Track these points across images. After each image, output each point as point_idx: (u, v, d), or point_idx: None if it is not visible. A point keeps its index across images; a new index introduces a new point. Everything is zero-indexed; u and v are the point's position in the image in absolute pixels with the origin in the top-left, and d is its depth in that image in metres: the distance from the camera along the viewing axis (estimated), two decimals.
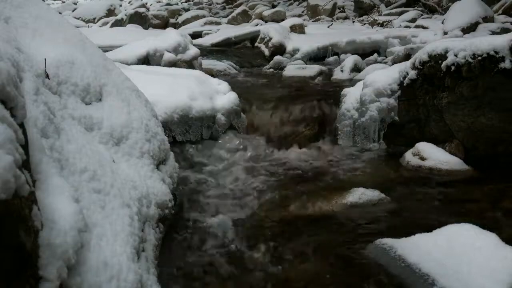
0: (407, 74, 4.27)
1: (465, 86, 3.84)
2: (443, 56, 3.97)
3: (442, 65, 3.95)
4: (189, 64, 6.51)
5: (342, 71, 6.84)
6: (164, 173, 2.99)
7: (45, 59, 2.52)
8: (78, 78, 2.73)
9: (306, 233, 2.88)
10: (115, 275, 1.71)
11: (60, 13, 19.61)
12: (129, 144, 2.77)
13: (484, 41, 3.73)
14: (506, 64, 3.60)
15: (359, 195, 3.21)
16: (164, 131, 4.43)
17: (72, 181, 1.91)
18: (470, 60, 3.76)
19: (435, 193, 3.44)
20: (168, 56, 6.29)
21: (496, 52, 3.64)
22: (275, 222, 3.06)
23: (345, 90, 4.85)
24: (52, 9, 3.37)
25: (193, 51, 6.58)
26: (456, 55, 3.85)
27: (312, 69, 7.02)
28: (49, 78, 2.52)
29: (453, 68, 3.88)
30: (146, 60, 6.27)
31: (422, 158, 3.91)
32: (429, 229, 2.52)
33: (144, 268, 2.01)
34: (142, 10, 15.30)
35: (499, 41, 3.64)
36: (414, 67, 4.22)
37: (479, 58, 3.71)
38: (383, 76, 4.49)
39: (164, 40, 6.54)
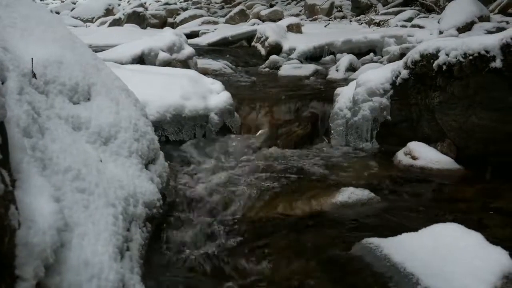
0: (400, 73, 4.27)
1: (457, 85, 3.84)
2: (434, 56, 3.97)
3: (434, 65, 3.96)
4: (184, 63, 6.52)
5: (337, 70, 6.85)
6: (153, 173, 2.98)
7: (32, 58, 2.51)
8: (66, 78, 2.72)
9: (295, 232, 2.88)
10: (96, 274, 1.71)
11: (58, 12, 19.52)
12: (117, 143, 2.77)
13: (475, 41, 3.73)
14: (497, 64, 3.60)
15: (348, 194, 3.21)
16: (157, 131, 4.46)
17: (55, 180, 1.90)
18: (461, 59, 3.76)
19: (425, 193, 3.45)
20: (163, 55, 6.30)
21: (487, 52, 3.64)
22: (264, 221, 3.05)
23: (338, 90, 4.86)
24: (43, 8, 3.37)
25: (188, 50, 6.58)
26: (447, 55, 3.86)
27: (308, 69, 7.04)
28: (36, 78, 2.51)
29: (444, 67, 3.88)
30: (141, 59, 6.28)
31: (414, 158, 3.91)
32: (417, 228, 2.51)
33: (127, 268, 2.01)
34: (140, 9, 15.30)
35: (490, 41, 3.64)
36: (406, 66, 4.23)
37: (470, 57, 3.71)
38: (375, 75, 4.49)
39: (159, 39, 6.55)
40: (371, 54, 8.16)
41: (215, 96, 4.95)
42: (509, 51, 3.54)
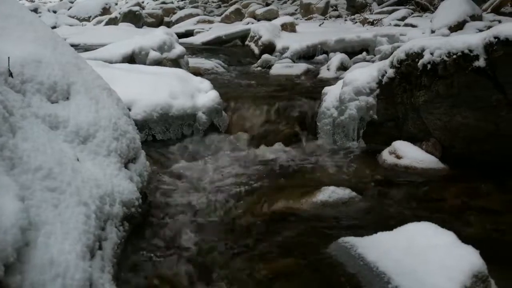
0: (386, 72, 4.27)
1: (441, 84, 3.84)
2: (419, 55, 3.97)
3: (419, 64, 3.95)
4: (175, 62, 6.52)
5: (328, 69, 6.85)
6: (133, 172, 2.98)
7: (8, 57, 2.51)
8: (44, 77, 2.72)
9: (273, 232, 2.88)
10: (61, 273, 1.71)
11: (55, 11, 19.39)
12: (96, 142, 2.77)
13: (459, 40, 3.73)
14: (480, 63, 3.60)
15: (329, 193, 3.21)
16: (143, 130, 4.48)
17: (24, 179, 1.90)
18: (445, 58, 3.76)
19: (408, 192, 3.44)
20: (153, 54, 6.29)
21: (471, 51, 3.64)
22: (244, 221, 3.05)
23: (326, 89, 4.85)
24: (25, 7, 3.36)
25: (178, 49, 6.58)
26: (432, 54, 3.85)
27: (299, 68, 7.03)
28: (12, 77, 2.51)
29: (429, 66, 3.88)
30: (132, 58, 6.27)
31: (398, 157, 3.91)
32: (395, 227, 2.52)
33: (97, 267, 2.01)
34: (136, 8, 15.29)
35: (474, 40, 3.64)
36: (392, 65, 4.22)
37: (454, 56, 3.71)
38: (362, 74, 4.49)
39: (150, 38, 6.55)
40: (364, 53, 8.15)
41: (203, 95, 4.95)
42: (492, 50, 3.54)
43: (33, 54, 2.80)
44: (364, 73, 4.48)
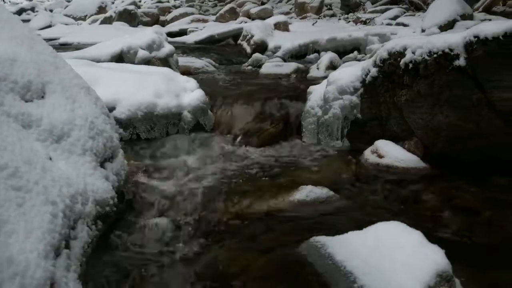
0: (369, 71, 4.27)
1: (423, 83, 3.84)
2: (401, 54, 3.97)
3: (401, 63, 3.95)
4: (164, 61, 6.50)
5: (318, 68, 6.84)
6: (109, 171, 2.98)
7: None
8: (18, 75, 2.73)
9: (249, 231, 2.88)
10: (20, 272, 1.71)
11: (51, 10, 19.34)
12: (70, 141, 2.77)
13: (440, 39, 3.73)
14: (460, 62, 3.60)
15: (306, 192, 3.21)
16: (128, 128, 4.47)
17: None
18: (426, 57, 3.76)
19: (387, 191, 3.45)
20: (142, 53, 6.28)
21: (451, 50, 3.64)
22: (221, 220, 3.05)
23: (311, 88, 4.85)
24: (2, 6, 3.36)
25: (167, 48, 6.57)
26: (413, 53, 3.85)
27: (289, 67, 7.01)
28: None
29: (411, 65, 3.88)
30: (120, 57, 6.26)
31: (380, 156, 3.91)
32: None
33: (62, 266, 2.01)
34: (131, 7, 15.25)
35: (454, 39, 3.64)
36: (375, 64, 4.22)
37: (435, 55, 3.71)
38: (346, 73, 4.49)
39: (138, 37, 6.54)
40: (355, 52, 8.14)
41: (188, 94, 4.94)
42: (472, 49, 3.54)
43: (8, 53, 2.80)
44: (348, 72, 4.48)
